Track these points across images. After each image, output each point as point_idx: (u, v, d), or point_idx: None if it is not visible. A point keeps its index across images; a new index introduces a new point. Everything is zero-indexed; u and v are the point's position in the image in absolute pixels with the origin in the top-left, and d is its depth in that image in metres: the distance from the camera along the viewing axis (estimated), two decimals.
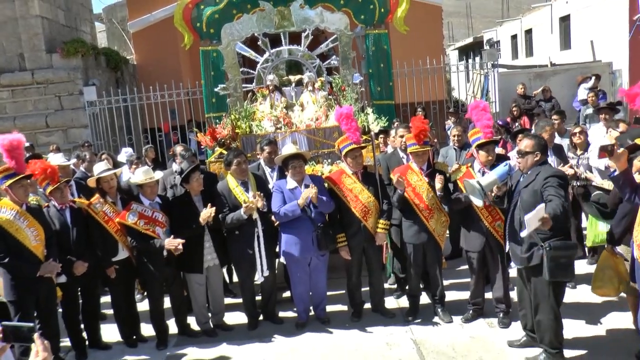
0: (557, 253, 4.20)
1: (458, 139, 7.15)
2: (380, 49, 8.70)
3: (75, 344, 5.44)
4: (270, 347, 5.36)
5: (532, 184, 4.38)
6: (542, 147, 4.50)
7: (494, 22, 32.77)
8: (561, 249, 4.22)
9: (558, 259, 4.20)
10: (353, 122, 5.63)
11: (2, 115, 12.59)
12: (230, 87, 7.83)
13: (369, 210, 5.45)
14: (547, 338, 4.46)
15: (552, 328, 4.44)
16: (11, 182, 4.77)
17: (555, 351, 4.47)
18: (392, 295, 6.20)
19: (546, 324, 4.45)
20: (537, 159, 4.44)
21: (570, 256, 4.29)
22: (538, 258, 4.32)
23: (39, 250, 4.84)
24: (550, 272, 4.21)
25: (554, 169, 4.47)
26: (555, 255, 4.19)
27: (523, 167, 4.53)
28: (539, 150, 4.45)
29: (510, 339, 4.98)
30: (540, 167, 4.42)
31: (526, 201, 4.37)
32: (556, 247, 4.20)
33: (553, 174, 4.33)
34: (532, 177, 4.41)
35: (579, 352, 4.71)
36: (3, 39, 12.66)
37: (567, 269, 4.27)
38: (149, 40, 15.28)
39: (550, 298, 4.40)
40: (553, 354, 4.47)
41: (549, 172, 4.35)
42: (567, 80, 14.41)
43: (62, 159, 6.61)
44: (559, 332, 4.49)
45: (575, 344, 4.84)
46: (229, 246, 5.56)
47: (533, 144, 4.46)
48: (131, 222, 5.25)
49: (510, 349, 4.86)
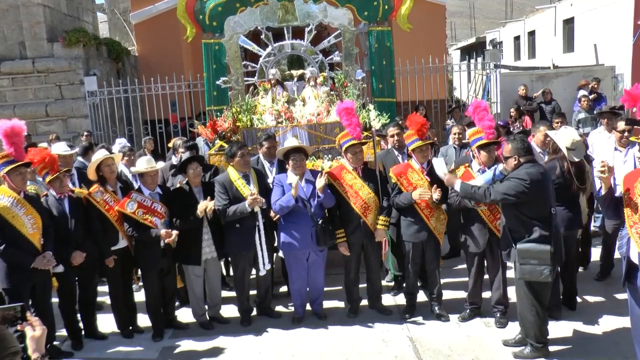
0: (525, 254, 4.39)
1: (458, 137, 7.14)
2: (383, 46, 8.67)
3: (72, 334, 5.43)
4: (266, 340, 5.35)
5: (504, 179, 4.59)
6: (521, 150, 4.57)
7: (497, 23, 32.77)
8: (529, 251, 4.39)
9: (527, 260, 4.39)
10: (354, 117, 5.60)
11: (2, 104, 12.54)
12: (232, 80, 7.80)
13: (369, 206, 5.43)
14: (532, 332, 4.64)
15: (536, 323, 4.61)
16: (9, 168, 4.75)
17: (541, 345, 4.63)
18: (390, 293, 6.19)
19: (529, 319, 4.61)
20: (515, 162, 4.56)
21: (539, 259, 4.39)
22: (514, 257, 4.51)
23: (35, 238, 4.82)
24: (520, 271, 4.43)
25: (526, 171, 4.46)
26: (523, 256, 4.39)
27: (508, 171, 4.67)
28: (516, 154, 4.56)
29: (505, 338, 5.00)
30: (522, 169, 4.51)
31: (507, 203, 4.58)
32: (524, 249, 4.41)
33: (518, 174, 4.46)
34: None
35: (575, 353, 4.70)
36: (4, 26, 12.61)
37: (534, 273, 4.41)
38: (151, 31, 15.22)
39: (529, 296, 4.56)
40: (539, 348, 4.63)
41: (520, 171, 4.47)
42: (569, 83, 14.37)
43: (65, 147, 6.57)
44: (543, 328, 4.66)
45: (572, 344, 4.84)
46: (227, 239, 5.53)
47: (511, 149, 4.59)
48: (130, 211, 5.24)
49: (506, 349, 4.85)
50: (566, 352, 4.74)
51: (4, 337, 1.71)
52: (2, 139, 4.83)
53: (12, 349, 1.72)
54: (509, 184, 4.48)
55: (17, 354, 1.74)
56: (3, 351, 1.68)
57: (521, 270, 4.43)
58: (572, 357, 4.65)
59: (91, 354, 5.28)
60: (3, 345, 1.69)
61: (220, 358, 5.07)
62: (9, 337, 1.74)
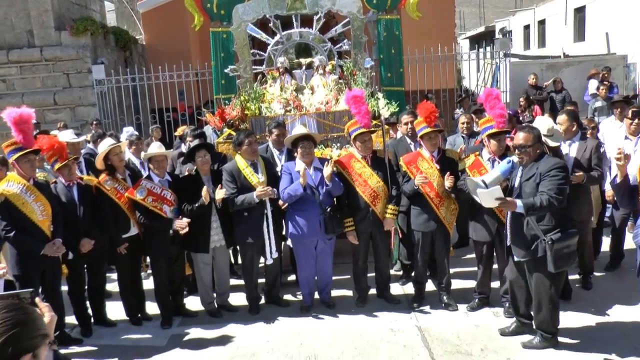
0: (559, 245, 4.26)
1: (467, 126, 7.09)
2: (392, 34, 8.61)
3: (81, 321, 5.46)
4: (274, 329, 5.36)
5: (533, 177, 4.37)
6: (540, 138, 4.49)
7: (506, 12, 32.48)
8: (563, 241, 4.28)
9: (560, 250, 4.27)
10: (363, 105, 5.56)
11: (11, 92, 12.58)
12: (240, 68, 7.77)
13: (378, 195, 5.41)
14: (545, 324, 4.61)
15: (551, 316, 4.58)
16: (18, 155, 4.75)
17: (551, 335, 4.62)
18: (398, 282, 6.18)
19: (546, 312, 4.57)
20: (538, 151, 4.44)
21: (571, 245, 4.34)
22: (542, 250, 4.34)
23: (45, 225, 4.84)
24: (555, 264, 4.27)
25: (554, 160, 4.41)
26: (557, 248, 4.25)
27: (525, 161, 4.47)
28: (538, 142, 4.45)
29: (501, 327, 5.00)
30: (539, 160, 4.41)
31: (529, 194, 4.36)
32: (558, 240, 4.26)
33: (553, 167, 4.30)
34: (533, 170, 4.39)
35: (585, 344, 4.67)
36: (12, 14, 12.60)
37: (570, 258, 4.37)
38: (159, 20, 15.20)
39: (551, 289, 4.50)
40: (548, 338, 4.62)
41: (549, 164, 4.33)
42: (579, 72, 14.23)
43: (72, 135, 6.57)
44: (556, 317, 4.64)
45: (581, 335, 4.81)
46: (236, 227, 5.53)
47: (532, 137, 4.41)
48: (139, 198, 5.24)
49: (514, 338, 4.83)
50: (575, 342, 4.71)
51: (35, 319, 1.75)
52: (11, 126, 4.83)
53: (42, 330, 1.75)
54: (555, 181, 4.24)
55: (46, 337, 1.76)
56: (33, 332, 1.71)
57: (556, 261, 4.25)
58: (581, 348, 4.62)
59: (100, 341, 5.30)
60: (34, 327, 1.73)
61: (228, 346, 5.07)
62: (39, 319, 1.77)
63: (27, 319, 1.71)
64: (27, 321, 1.71)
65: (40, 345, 1.73)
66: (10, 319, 1.66)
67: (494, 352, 4.66)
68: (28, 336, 1.68)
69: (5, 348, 1.61)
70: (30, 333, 1.69)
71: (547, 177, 4.26)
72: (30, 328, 1.70)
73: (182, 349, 5.08)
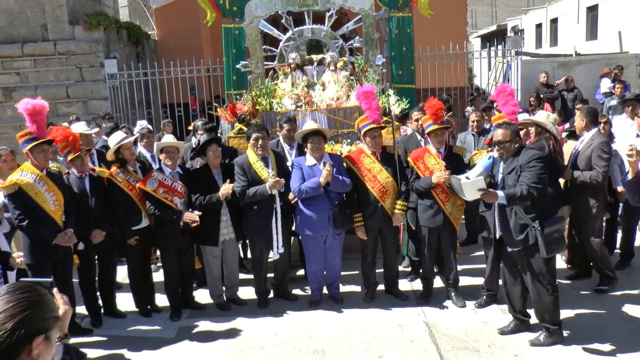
0: (549, 230, 4.41)
1: (477, 124, 7.07)
2: (404, 32, 8.57)
3: (91, 311, 5.52)
4: (282, 322, 5.39)
5: (514, 170, 4.54)
6: (517, 134, 4.69)
7: (518, 11, 32.24)
8: (551, 225, 4.42)
9: (550, 235, 4.41)
10: (373, 100, 5.57)
11: (25, 84, 12.70)
12: (252, 64, 7.80)
13: (387, 190, 5.42)
14: (548, 316, 4.63)
15: (552, 303, 4.60)
16: (32, 145, 4.81)
17: (556, 327, 4.63)
18: (406, 278, 6.19)
19: (545, 302, 4.60)
20: (517, 145, 4.59)
21: (560, 229, 4.51)
22: (533, 237, 4.46)
23: (57, 215, 4.90)
24: (547, 248, 4.40)
25: (533, 152, 4.59)
26: (547, 233, 4.39)
27: (505, 156, 4.63)
28: (516, 137, 4.62)
29: (500, 326, 5.00)
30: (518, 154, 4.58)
31: (511, 187, 4.52)
32: (547, 225, 4.41)
33: (532, 158, 4.48)
34: (514, 164, 4.55)
35: (593, 342, 4.66)
36: (27, 9, 12.72)
37: (560, 242, 4.52)
38: (171, 16, 15.25)
39: (547, 274, 4.57)
40: (554, 332, 4.63)
41: (528, 156, 4.50)
42: (591, 70, 14.12)
43: (85, 127, 6.63)
44: (557, 305, 4.65)
45: (589, 332, 4.80)
46: (246, 221, 5.56)
47: (511, 133, 4.59)
48: (150, 189, 5.29)
49: (521, 335, 4.83)
50: (583, 339, 4.69)
51: (48, 301, 1.77)
52: (25, 117, 4.89)
53: (54, 313, 1.77)
54: (534, 171, 4.41)
55: (58, 319, 1.78)
56: (46, 313, 1.73)
57: (548, 246, 4.37)
58: (589, 346, 4.60)
59: (110, 332, 5.36)
60: (47, 309, 1.74)
61: (236, 339, 5.11)
62: (52, 302, 1.79)
63: (40, 300, 1.72)
64: (40, 303, 1.72)
65: (53, 328, 1.74)
66: (24, 299, 1.68)
67: (501, 349, 4.66)
68: (41, 317, 1.70)
69: (19, 329, 1.62)
70: (43, 315, 1.71)
71: (527, 168, 4.46)
72: (43, 310, 1.72)
73: (190, 341, 5.13)
